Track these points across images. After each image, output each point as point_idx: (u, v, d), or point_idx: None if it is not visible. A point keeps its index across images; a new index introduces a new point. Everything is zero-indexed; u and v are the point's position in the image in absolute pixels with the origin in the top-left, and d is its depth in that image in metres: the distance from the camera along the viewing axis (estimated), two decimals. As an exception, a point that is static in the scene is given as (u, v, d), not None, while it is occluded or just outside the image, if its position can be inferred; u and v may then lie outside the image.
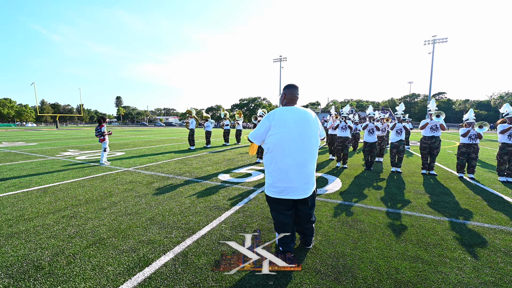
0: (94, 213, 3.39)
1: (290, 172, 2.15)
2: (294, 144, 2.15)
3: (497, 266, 2.20)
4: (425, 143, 5.96)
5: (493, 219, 3.24)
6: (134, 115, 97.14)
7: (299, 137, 2.16)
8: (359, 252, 2.42)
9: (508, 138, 5.12)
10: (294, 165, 2.15)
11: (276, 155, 2.18)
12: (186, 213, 3.39)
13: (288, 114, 2.18)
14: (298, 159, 2.15)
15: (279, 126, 2.15)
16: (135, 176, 5.57)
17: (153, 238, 2.68)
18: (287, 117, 2.17)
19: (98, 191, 4.42)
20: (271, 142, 2.19)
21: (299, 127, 2.16)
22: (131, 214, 3.35)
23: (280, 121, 2.16)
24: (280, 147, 2.15)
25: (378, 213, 3.44)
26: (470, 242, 2.62)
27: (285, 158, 2.15)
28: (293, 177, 2.15)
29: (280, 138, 2.15)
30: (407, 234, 2.80)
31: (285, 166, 2.15)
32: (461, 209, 3.61)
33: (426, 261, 2.28)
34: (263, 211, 3.47)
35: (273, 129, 2.17)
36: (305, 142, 2.18)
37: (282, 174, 2.16)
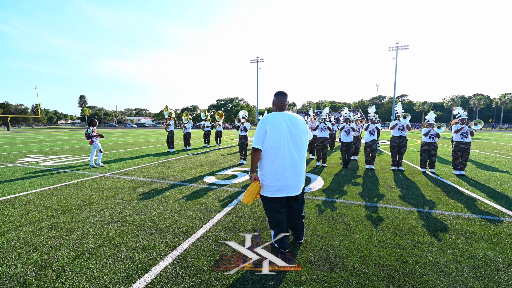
0: (76, 223, 3.22)
1: (285, 172, 2.33)
2: (288, 146, 2.34)
3: (457, 246, 2.61)
4: (394, 142, 6.60)
5: (451, 207, 3.76)
6: (101, 116, 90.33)
7: (292, 139, 2.36)
8: (346, 243, 2.67)
9: (461, 137, 5.91)
10: (289, 165, 2.34)
11: (273, 157, 2.34)
12: (177, 217, 3.38)
13: (281, 119, 2.37)
14: (292, 160, 2.35)
15: (274, 130, 2.33)
16: (114, 182, 5.31)
17: (147, 244, 2.65)
18: (280, 122, 2.35)
19: (75, 199, 4.16)
20: (269, 145, 2.34)
21: (291, 131, 2.36)
22: (118, 222, 3.24)
23: (275, 125, 2.34)
24: (276, 149, 2.32)
25: (359, 207, 3.77)
26: (435, 228, 3.04)
27: (281, 160, 2.32)
28: (288, 176, 2.34)
29: (276, 142, 2.32)
30: (385, 224, 3.14)
31: (281, 166, 2.32)
32: (426, 200, 4.11)
33: (402, 246, 2.60)
34: (254, 211, 3.59)
35: (269, 132, 2.33)
36: (297, 144, 2.39)
37: (278, 174, 2.33)
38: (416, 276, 2.11)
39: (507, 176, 5.86)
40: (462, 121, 6.04)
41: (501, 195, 4.37)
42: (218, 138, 13.63)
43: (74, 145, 13.86)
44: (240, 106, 78.72)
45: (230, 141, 16.23)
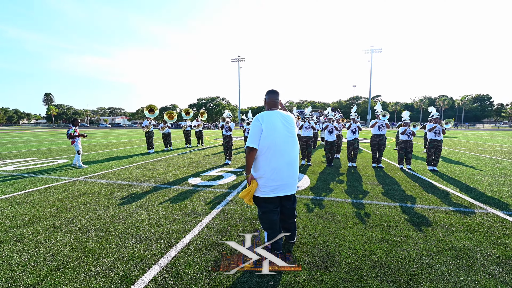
0: (47, 233, 2.90)
1: (282, 171, 2.29)
2: (284, 145, 2.31)
3: (439, 238, 2.75)
4: (374, 140, 6.89)
5: (430, 201, 3.99)
6: (70, 115, 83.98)
7: (287, 138, 2.33)
8: (337, 241, 2.70)
9: (434, 135, 6.34)
10: (286, 164, 2.30)
11: (269, 156, 2.28)
12: (162, 222, 3.19)
13: (276, 117, 2.33)
14: (288, 158, 2.32)
15: (270, 128, 2.27)
16: (89, 187, 4.91)
17: (132, 254, 2.45)
18: (275, 120, 2.31)
19: (44, 207, 3.76)
20: (265, 144, 2.28)
21: (286, 129, 2.34)
22: (97, 230, 2.98)
23: (270, 123, 2.29)
24: (273, 148, 2.27)
25: (346, 204, 3.86)
26: (418, 222, 3.19)
27: (278, 158, 2.28)
28: (285, 175, 2.31)
29: (272, 140, 2.27)
30: (372, 220, 3.23)
31: (278, 165, 2.28)
32: (407, 195, 4.33)
33: (390, 241, 2.69)
34: (244, 213, 3.51)
35: (265, 131, 2.26)
36: (293, 142, 2.37)
37: (275, 173, 2.28)
38: (406, 270, 2.18)
39: (473, 170, 6.39)
40: (435, 120, 6.47)
41: (470, 188, 4.74)
42: (200, 138, 13.31)
43: (40, 147, 12.69)
44: (222, 105, 77.80)
45: (213, 141, 15.93)
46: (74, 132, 6.63)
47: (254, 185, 2.33)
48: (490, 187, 4.82)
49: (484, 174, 5.90)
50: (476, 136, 20.16)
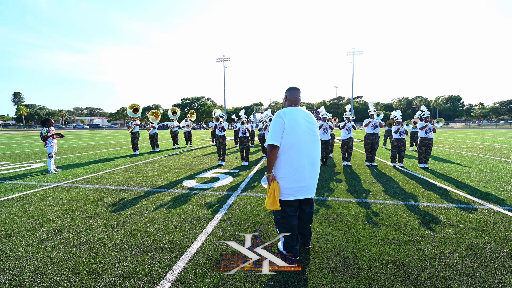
0: (29, 248, 2.52)
1: (305, 171, 2.16)
2: (307, 143, 2.18)
3: (451, 236, 2.74)
4: (368, 139, 6.97)
5: (431, 199, 4.04)
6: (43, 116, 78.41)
7: (310, 136, 2.20)
8: (353, 243, 2.60)
9: (425, 133, 6.53)
10: (308, 164, 2.17)
11: (292, 155, 2.13)
12: (163, 230, 2.91)
13: (299, 113, 2.20)
14: (311, 157, 2.19)
15: (293, 125, 2.13)
16: (73, 193, 4.46)
17: (134, 268, 2.18)
18: (298, 117, 2.18)
19: (23, 218, 3.32)
20: (287, 142, 2.13)
21: (308, 126, 2.21)
22: (89, 242, 2.65)
23: (293, 120, 2.15)
24: (295, 146, 2.13)
25: (351, 204, 3.79)
26: (426, 220, 3.18)
27: (301, 158, 2.14)
28: (307, 175, 2.18)
29: (296, 137, 2.13)
30: (381, 220, 3.18)
31: (301, 165, 2.14)
32: (407, 193, 4.36)
33: (405, 241, 2.63)
34: (249, 216, 3.32)
35: (288, 128, 2.12)
36: (315, 140, 2.25)
37: (298, 174, 2.14)
38: (430, 272, 2.11)
39: (460, 167, 6.67)
40: (426, 119, 6.67)
41: (464, 185, 4.89)
42: (188, 138, 12.88)
43: (11, 150, 11.59)
44: (207, 105, 76.61)
45: (201, 142, 15.50)
46: (47, 133, 6.02)
47: (276, 186, 2.16)
48: (481, 183, 5.01)
49: (472, 171, 6.17)
50: (452, 135, 21.40)
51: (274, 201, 2.15)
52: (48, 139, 6.02)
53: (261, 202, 3.89)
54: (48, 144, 6.05)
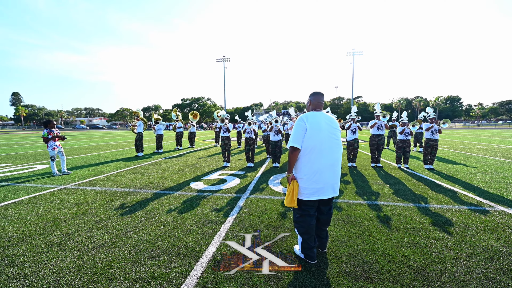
0: (43, 253, 2.51)
1: (324, 173, 2.22)
2: (328, 146, 2.23)
3: (466, 239, 2.75)
4: (373, 140, 6.98)
5: (440, 201, 4.04)
6: (42, 116, 78.13)
7: (331, 139, 2.25)
8: (369, 247, 2.60)
9: (431, 134, 6.54)
10: (329, 165, 2.23)
11: (313, 157, 2.21)
12: (176, 234, 2.90)
13: (321, 118, 2.26)
14: (332, 160, 2.24)
15: (315, 128, 2.20)
16: (81, 195, 4.44)
17: (152, 273, 2.16)
18: (320, 121, 2.24)
19: (33, 221, 3.31)
20: (308, 145, 2.20)
21: (330, 130, 2.26)
22: (103, 246, 2.63)
23: (315, 124, 2.22)
24: (317, 149, 2.20)
25: (362, 206, 3.79)
26: (438, 222, 3.19)
27: (321, 160, 2.20)
28: (327, 177, 2.23)
29: (317, 141, 2.19)
30: (394, 223, 3.18)
31: (321, 167, 2.20)
32: (416, 195, 4.36)
33: (421, 245, 2.63)
34: (261, 220, 3.31)
35: (310, 131, 2.20)
36: (337, 143, 2.28)
37: (318, 175, 2.21)
38: (450, 276, 2.11)
39: (465, 168, 6.68)
40: (431, 120, 6.69)
41: (471, 186, 4.90)
42: (191, 139, 12.86)
43: (12, 151, 11.54)
44: (207, 105, 76.60)
45: (203, 143, 15.48)
46: (48, 135, 5.93)
47: (295, 186, 2.24)
48: (488, 184, 5.03)
49: (478, 172, 6.18)
50: (453, 135, 21.47)
51: (292, 200, 2.26)
52: (49, 142, 5.92)
53: (271, 205, 3.89)
54: (49, 147, 5.93)
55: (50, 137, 5.92)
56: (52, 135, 5.97)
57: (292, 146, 2.23)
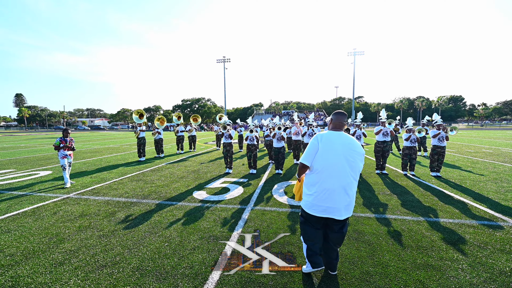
0: (47, 273, 2.43)
1: (335, 194, 2.17)
2: (341, 167, 2.16)
3: (482, 260, 2.63)
4: (378, 147, 6.86)
5: (451, 214, 3.92)
6: (45, 117, 78.57)
7: (346, 161, 2.17)
8: (380, 269, 2.49)
9: (438, 141, 6.41)
10: (340, 187, 2.17)
11: (323, 176, 2.18)
12: (181, 252, 2.82)
13: (336, 138, 2.21)
14: (344, 182, 2.17)
15: (328, 149, 2.17)
16: (84, 206, 4.37)
17: (156, 299, 2.08)
18: (335, 141, 2.19)
19: (37, 235, 3.24)
20: (320, 164, 2.18)
21: (346, 152, 2.18)
22: (107, 266, 2.55)
23: (328, 144, 2.18)
24: (328, 169, 2.16)
25: (370, 220, 3.68)
26: (451, 240, 3.07)
27: (332, 180, 2.16)
28: (337, 199, 2.18)
29: (328, 160, 2.16)
30: (405, 240, 3.07)
31: (331, 187, 2.17)
32: (426, 207, 4.24)
33: (435, 267, 2.53)
34: (267, 235, 3.22)
35: (322, 151, 2.17)
36: (351, 166, 2.19)
37: (327, 194, 2.18)
38: (469, 306, 2.01)
39: (473, 175, 6.54)
40: (439, 127, 6.56)
41: (482, 197, 4.77)
42: (193, 142, 12.80)
43: (16, 155, 11.52)
44: (207, 106, 76.60)
45: (205, 146, 15.42)
46: (60, 144, 5.85)
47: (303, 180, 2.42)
48: (499, 194, 4.89)
49: (487, 180, 6.04)
50: (458, 137, 21.21)
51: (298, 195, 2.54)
52: (60, 150, 5.82)
53: (277, 218, 3.79)
54: (59, 156, 5.81)
55: (61, 146, 5.79)
56: (64, 144, 5.83)
57: (302, 162, 2.27)
